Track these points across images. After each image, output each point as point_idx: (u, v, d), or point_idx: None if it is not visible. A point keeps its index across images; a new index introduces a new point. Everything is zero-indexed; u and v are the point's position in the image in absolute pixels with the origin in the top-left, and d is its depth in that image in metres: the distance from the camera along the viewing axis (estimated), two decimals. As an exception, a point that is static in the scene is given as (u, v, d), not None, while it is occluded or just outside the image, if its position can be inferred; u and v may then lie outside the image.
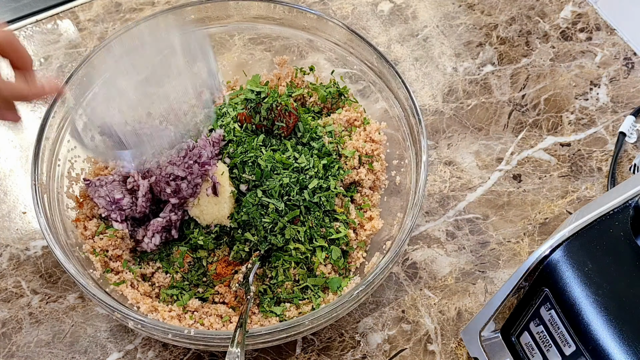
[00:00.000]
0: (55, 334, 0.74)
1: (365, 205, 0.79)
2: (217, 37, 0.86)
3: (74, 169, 0.76)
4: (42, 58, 0.95)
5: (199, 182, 0.73)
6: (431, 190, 0.86)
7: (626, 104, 0.93)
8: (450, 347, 0.75)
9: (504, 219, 0.84)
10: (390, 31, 1.00)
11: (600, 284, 0.55)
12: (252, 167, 0.74)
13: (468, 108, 0.93)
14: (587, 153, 0.89)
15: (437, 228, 0.83)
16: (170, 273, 0.73)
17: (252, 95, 0.77)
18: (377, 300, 0.77)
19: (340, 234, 0.74)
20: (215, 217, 0.73)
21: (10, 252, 0.79)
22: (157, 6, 1.01)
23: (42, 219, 0.67)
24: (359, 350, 0.74)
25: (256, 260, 0.72)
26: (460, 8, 1.03)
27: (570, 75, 0.96)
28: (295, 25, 0.83)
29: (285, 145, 0.76)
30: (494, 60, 0.97)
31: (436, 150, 0.89)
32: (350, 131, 0.83)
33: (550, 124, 0.92)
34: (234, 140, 0.76)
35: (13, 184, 0.84)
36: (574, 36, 1.00)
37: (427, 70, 0.96)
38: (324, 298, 0.72)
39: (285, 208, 0.72)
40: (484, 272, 0.80)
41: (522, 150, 0.89)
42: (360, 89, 0.85)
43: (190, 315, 0.69)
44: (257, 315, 0.71)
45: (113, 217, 0.73)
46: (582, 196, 0.86)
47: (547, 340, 0.60)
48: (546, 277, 0.58)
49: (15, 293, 0.76)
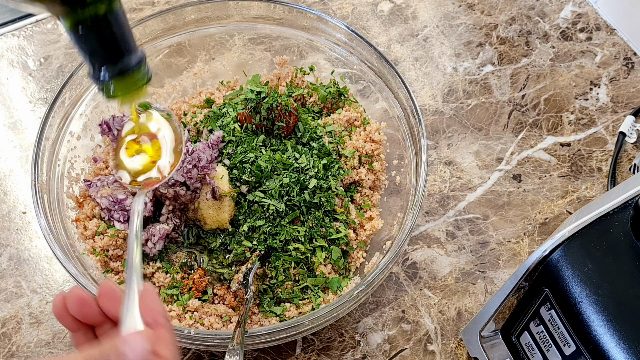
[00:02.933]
0: (55, 334, 0.74)
1: (365, 205, 0.79)
2: (217, 37, 0.86)
3: (74, 169, 0.76)
4: (42, 58, 0.95)
5: (198, 187, 0.73)
6: (431, 190, 0.86)
7: (626, 104, 0.93)
8: (450, 347, 0.75)
9: (504, 219, 0.84)
10: (390, 31, 1.00)
11: (600, 284, 0.55)
12: (252, 167, 0.74)
13: (468, 108, 0.93)
14: (587, 153, 0.89)
15: (437, 228, 0.83)
16: (171, 273, 0.73)
17: (252, 95, 0.77)
18: (377, 300, 0.77)
19: (340, 234, 0.74)
20: (216, 220, 0.73)
21: (10, 252, 0.79)
22: (157, 6, 1.01)
23: (42, 219, 0.67)
24: (359, 350, 0.74)
25: (256, 260, 0.72)
26: (460, 8, 1.03)
27: (570, 75, 0.96)
28: (295, 25, 0.83)
29: (285, 145, 0.76)
30: (494, 60, 0.97)
31: (436, 150, 0.89)
32: (350, 131, 0.83)
33: (550, 124, 0.92)
34: (233, 141, 0.76)
35: (13, 184, 0.84)
36: (574, 36, 1.00)
37: (427, 70, 0.96)
38: (324, 298, 0.72)
39: (285, 208, 0.72)
40: (484, 272, 0.80)
41: (522, 150, 0.89)
42: (360, 89, 0.85)
43: (190, 315, 0.69)
44: (257, 315, 0.71)
45: (115, 218, 0.73)
46: (582, 196, 0.86)
47: (547, 340, 0.60)
48: (546, 277, 0.58)
49: (15, 293, 0.76)
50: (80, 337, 0.48)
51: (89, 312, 0.47)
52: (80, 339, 0.48)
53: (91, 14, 0.47)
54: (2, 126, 0.89)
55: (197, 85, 0.87)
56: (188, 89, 0.87)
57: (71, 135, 0.76)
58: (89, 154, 0.79)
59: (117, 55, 0.51)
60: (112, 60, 0.51)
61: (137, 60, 0.52)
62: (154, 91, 0.85)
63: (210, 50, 0.87)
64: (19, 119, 0.89)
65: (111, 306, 0.47)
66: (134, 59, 0.51)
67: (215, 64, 0.87)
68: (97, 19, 0.47)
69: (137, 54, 0.52)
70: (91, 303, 0.47)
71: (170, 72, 0.86)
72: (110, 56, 0.51)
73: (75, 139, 0.77)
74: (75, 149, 0.77)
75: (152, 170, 0.69)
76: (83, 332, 0.48)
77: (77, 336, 0.48)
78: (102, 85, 0.52)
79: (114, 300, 0.47)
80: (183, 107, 0.84)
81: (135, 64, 0.52)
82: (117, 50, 0.50)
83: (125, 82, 0.52)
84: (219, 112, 0.80)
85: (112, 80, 0.51)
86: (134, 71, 0.52)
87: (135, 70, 0.52)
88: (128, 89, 0.53)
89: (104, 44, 0.50)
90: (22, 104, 0.91)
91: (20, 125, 0.89)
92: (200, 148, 0.74)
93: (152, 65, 0.84)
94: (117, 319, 0.48)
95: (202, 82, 0.87)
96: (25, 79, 0.93)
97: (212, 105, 0.84)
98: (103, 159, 0.78)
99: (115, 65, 0.51)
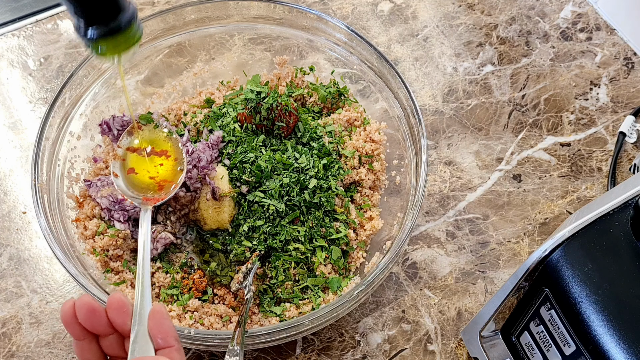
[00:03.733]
0: (55, 334, 0.74)
1: (365, 205, 0.79)
2: (217, 37, 0.86)
3: (74, 169, 0.76)
4: (42, 58, 0.95)
5: (198, 187, 0.73)
6: (431, 190, 0.86)
7: (626, 104, 0.93)
8: (450, 347, 0.75)
9: (504, 219, 0.84)
10: (390, 31, 1.00)
11: (600, 284, 0.55)
12: (252, 167, 0.74)
13: (468, 108, 0.93)
14: (587, 153, 0.89)
15: (437, 228, 0.83)
16: (171, 273, 0.73)
17: (252, 95, 0.77)
18: (377, 300, 0.77)
19: (340, 234, 0.74)
20: (216, 221, 0.73)
21: (10, 252, 0.79)
22: (157, 6, 1.01)
23: (42, 219, 0.67)
24: (359, 350, 0.74)
25: (256, 260, 0.72)
26: (460, 8, 1.03)
27: (570, 75, 0.96)
28: (295, 25, 0.83)
29: (285, 145, 0.76)
30: (494, 60, 0.97)
31: (436, 150, 0.89)
32: (350, 131, 0.83)
33: (550, 124, 0.92)
34: (233, 141, 0.76)
35: (13, 184, 0.84)
36: (574, 36, 1.00)
37: (427, 70, 0.96)
38: (324, 298, 0.72)
39: (285, 209, 0.72)
40: (484, 272, 0.80)
41: (522, 150, 0.89)
42: (360, 89, 0.85)
43: (190, 315, 0.69)
44: (257, 315, 0.71)
45: (116, 217, 0.73)
46: (582, 196, 0.86)
47: (547, 340, 0.60)
48: (546, 277, 0.58)
49: (15, 293, 0.76)
50: (83, 345, 0.47)
51: (97, 322, 0.47)
52: (84, 347, 0.48)
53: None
54: (2, 126, 0.89)
55: (197, 85, 0.87)
56: (188, 89, 0.87)
57: (71, 135, 0.76)
58: (89, 154, 0.79)
59: (107, 16, 0.47)
60: (102, 20, 0.47)
61: (127, 18, 0.48)
62: (154, 91, 0.85)
63: (210, 50, 0.87)
64: (19, 119, 0.89)
65: (120, 319, 0.47)
66: (124, 18, 0.48)
67: (215, 64, 0.87)
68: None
69: (129, 12, 0.48)
70: (100, 313, 0.47)
71: (170, 72, 0.86)
72: (100, 16, 0.47)
73: (75, 139, 0.77)
74: (75, 149, 0.77)
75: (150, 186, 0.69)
76: (87, 342, 0.47)
77: (80, 344, 0.47)
78: (90, 43, 0.49)
79: (123, 313, 0.47)
80: (183, 107, 0.84)
81: (126, 22, 0.48)
82: (108, 9, 0.47)
83: (116, 40, 0.49)
84: (219, 112, 0.80)
85: (100, 39, 0.48)
86: (125, 30, 0.48)
87: (125, 30, 0.48)
88: (117, 47, 0.50)
89: (94, 2, 0.46)
90: (22, 104, 0.91)
91: (20, 125, 0.89)
92: (200, 148, 0.74)
93: (152, 65, 0.84)
94: (124, 332, 0.48)
95: (202, 82, 0.87)
96: (25, 79, 0.93)
97: (212, 105, 0.84)
98: (103, 159, 0.78)
99: (106, 26, 0.47)
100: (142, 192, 0.68)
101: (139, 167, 0.71)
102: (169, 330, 0.47)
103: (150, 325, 0.47)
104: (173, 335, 0.47)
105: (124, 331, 0.48)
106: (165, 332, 0.47)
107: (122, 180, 0.69)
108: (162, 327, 0.47)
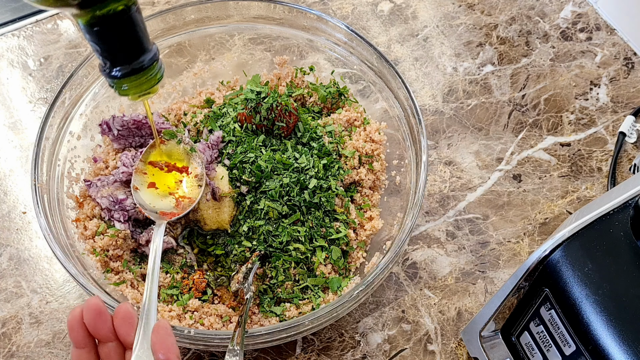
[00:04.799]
0: (55, 334, 0.74)
1: (365, 205, 0.79)
2: (217, 37, 0.86)
3: (74, 169, 0.76)
4: (42, 58, 0.95)
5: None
6: (431, 190, 0.86)
7: (626, 104, 0.93)
8: (450, 347, 0.75)
9: (504, 219, 0.84)
10: (390, 31, 1.00)
11: (600, 284, 0.55)
12: (252, 167, 0.74)
13: (468, 108, 0.93)
14: (587, 153, 0.89)
15: (437, 228, 0.83)
16: (171, 273, 0.73)
17: (252, 95, 0.77)
18: (377, 300, 0.77)
19: (340, 234, 0.74)
20: (216, 221, 0.73)
21: (10, 252, 0.79)
22: (157, 6, 1.01)
23: (42, 219, 0.67)
24: (359, 350, 0.74)
25: (256, 260, 0.72)
26: (460, 8, 1.03)
27: (570, 75, 0.96)
28: (295, 25, 0.83)
29: (285, 145, 0.76)
30: (494, 60, 0.97)
31: (436, 150, 0.89)
32: (350, 131, 0.83)
33: (550, 124, 0.92)
34: (233, 141, 0.76)
35: (13, 184, 0.84)
36: (574, 36, 1.00)
37: (427, 70, 0.96)
38: (324, 298, 0.72)
39: (285, 209, 0.72)
40: (484, 272, 0.80)
41: (522, 150, 0.89)
42: (360, 89, 0.85)
43: (190, 315, 0.69)
44: (257, 315, 0.71)
45: (116, 218, 0.73)
46: (582, 196, 0.86)
47: (547, 340, 0.60)
48: (546, 277, 0.58)
49: (15, 293, 0.76)
50: (82, 354, 0.48)
51: (102, 325, 0.47)
52: (82, 356, 0.48)
53: (108, 12, 0.45)
54: (2, 126, 0.89)
55: (197, 85, 0.87)
56: (188, 89, 0.87)
57: (71, 135, 0.76)
58: (89, 154, 0.79)
59: (131, 56, 0.49)
60: (126, 60, 0.49)
61: (150, 58, 0.50)
62: (154, 91, 0.85)
63: (210, 50, 0.87)
64: (19, 119, 0.89)
65: (124, 329, 0.48)
66: (147, 58, 0.50)
67: (215, 64, 0.87)
68: (114, 18, 0.46)
69: (151, 52, 0.50)
70: (106, 317, 0.47)
71: (170, 72, 0.86)
72: (124, 56, 0.49)
73: (75, 139, 0.77)
74: (75, 149, 0.77)
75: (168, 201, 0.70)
76: (87, 351, 0.48)
77: (79, 352, 0.48)
78: (113, 82, 0.50)
79: (128, 324, 0.48)
80: (183, 107, 0.84)
81: (149, 62, 0.50)
82: (132, 50, 0.49)
83: (138, 80, 0.51)
84: (219, 112, 0.80)
85: (124, 78, 0.50)
86: (147, 69, 0.50)
87: (147, 69, 0.50)
88: (140, 86, 0.52)
89: (119, 44, 0.48)
90: (22, 104, 0.91)
91: (20, 125, 0.89)
92: (200, 148, 0.74)
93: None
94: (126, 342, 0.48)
95: (202, 82, 0.87)
96: (25, 79, 0.93)
97: (212, 105, 0.84)
98: (103, 159, 0.78)
99: (129, 65, 0.49)
100: (160, 207, 0.69)
101: (160, 182, 0.71)
102: (172, 346, 0.47)
103: (154, 340, 0.47)
104: (175, 353, 0.47)
105: (125, 341, 0.48)
106: (167, 348, 0.47)
107: (142, 193, 0.70)
108: (164, 343, 0.47)
